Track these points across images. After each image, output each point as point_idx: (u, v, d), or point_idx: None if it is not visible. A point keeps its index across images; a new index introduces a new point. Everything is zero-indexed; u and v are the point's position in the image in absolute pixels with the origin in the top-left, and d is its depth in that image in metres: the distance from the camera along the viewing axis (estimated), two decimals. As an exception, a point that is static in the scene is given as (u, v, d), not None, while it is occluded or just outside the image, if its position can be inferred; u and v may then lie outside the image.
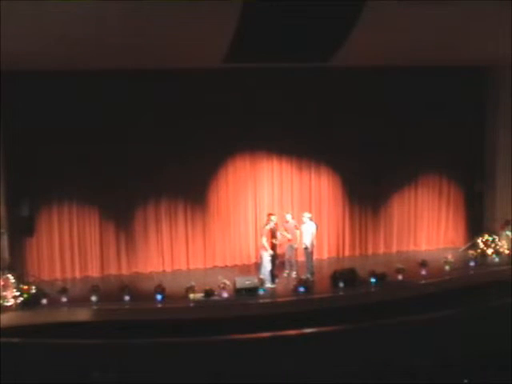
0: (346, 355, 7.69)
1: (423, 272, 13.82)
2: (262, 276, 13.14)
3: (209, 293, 12.47)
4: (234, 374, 7.32)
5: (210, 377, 7.28)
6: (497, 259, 14.95)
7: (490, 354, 7.23)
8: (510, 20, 11.80)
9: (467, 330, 8.02)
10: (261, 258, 13.49)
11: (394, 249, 16.35)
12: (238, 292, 12.66)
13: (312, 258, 13.81)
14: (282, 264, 14.17)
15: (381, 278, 13.32)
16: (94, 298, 12.35)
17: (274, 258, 13.44)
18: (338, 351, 7.75)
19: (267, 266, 13.26)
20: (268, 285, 13.10)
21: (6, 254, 13.06)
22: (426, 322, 8.52)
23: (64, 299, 12.34)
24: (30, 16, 10.33)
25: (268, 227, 13.47)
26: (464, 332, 8.01)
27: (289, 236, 13.85)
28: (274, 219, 13.64)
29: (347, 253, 16.05)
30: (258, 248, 13.80)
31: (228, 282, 12.69)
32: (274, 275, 13.41)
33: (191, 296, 12.44)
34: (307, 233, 13.65)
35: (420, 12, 11.65)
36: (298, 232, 13.87)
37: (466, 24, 12.23)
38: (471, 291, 13.05)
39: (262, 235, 13.50)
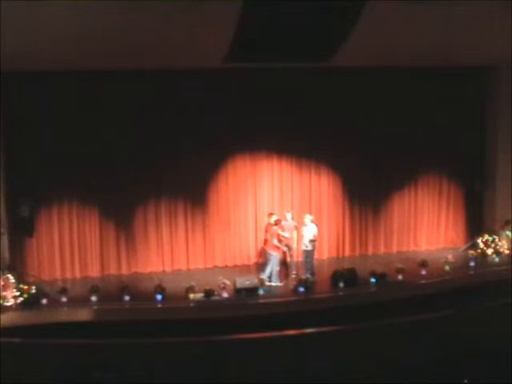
0: (346, 355, 7.69)
1: (423, 272, 13.81)
2: (264, 276, 13.16)
3: (209, 293, 12.46)
4: (234, 374, 7.33)
5: (210, 377, 7.29)
6: (497, 259, 14.95)
7: (490, 353, 7.23)
8: (509, 20, 11.82)
9: (467, 329, 8.02)
10: (268, 257, 13.49)
11: (394, 249, 16.33)
12: (238, 292, 12.66)
13: (313, 259, 13.80)
14: (282, 264, 14.17)
15: (381, 277, 13.30)
16: (93, 298, 12.34)
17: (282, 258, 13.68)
18: (338, 351, 7.75)
19: (276, 266, 13.32)
20: (274, 283, 13.18)
21: (6, 254, 13.04)
22: (426, 322, 8.53)
23: (64, 299, 12.32)
24: (30, 16, 10.34)
25: (276, 227, 13.49)
26: (464, 332, 8.01)
27: (287, 235, 13.83)
28: (274, 218, 13.67)
29: (347, 253, 16.03)
30: (266, 248, 13.74)
31: (228, 282, 12.68)
32: (281, 275, 13.52)
33: (191, 296, 12.43)
34: (308, 234, 13.63)
35: (420, 12, 11.68)
36: (295, 233, 13.89)
37: (466, 24, 12.24)
38: (471, 291, 13.05)
39: (271, 236, 13.49)
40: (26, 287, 12.26)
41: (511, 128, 15.47)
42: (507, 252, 15.11)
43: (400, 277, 13.49)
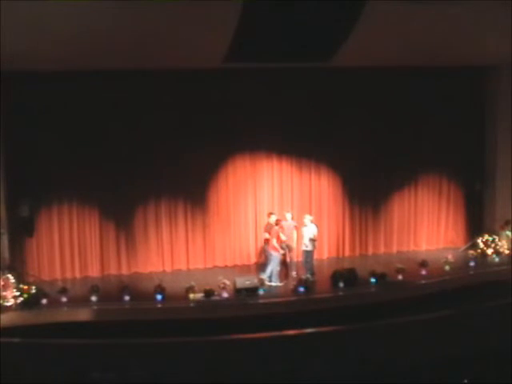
0: (346, 355, 7.70)
1: (423, 272, 13.80)
2: (264, 275, 13.16)
3: (209, 293, 12.46)
4: (234, 374, 7.34)
5: (210, 377, 7.30)
6: (497, 259, 14.94)
7: (490, 353, 7.24)
8: (510, 20, 11.82)
9: (467, 329, 8.03)
10: (269, 257, 13.49)
11: (394, 249, 16.32)
12: (238, 292, 12.65)
13: (313, 259, 13.80)
14: (282, 264, 14.16)
15: (381, 277, 13.30)
16: (93, 298, 12.33)
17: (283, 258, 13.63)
18: (338, 351, 7.76)
19: (277, 266, 13.34)
20: (274, 283, 13.18)
21: (6, 254, 13.04)
22: (426, 321, 8.54)
23: (64, 299, 12.31)
24: (30, 16, 10.34)
25: (277, 227, 13.50)
26: (464, 332, 8.02)
27: (284, 238, 13.82)
28: (274, 218, 13.68)
29: (347, 253, 16.01)
30: (268, 248, 13.73)
31: (228, 282, 12.68)
32: (281, 275, 13.51)
33: (191, 296, 12.43)
34: (308, 234, 13.61)
35: (420, 12, 11.68)
36: (295, 233, 13.89)
37: (466, 24, 12.25)
38: (471, 291, 13.05)
39: (272, 236, 13.48)
40: (25, 287, 12.24)
41: (511, 128, 15.47)
42: (507, 252, 15.10)
43: (400, 277, 13.48)
